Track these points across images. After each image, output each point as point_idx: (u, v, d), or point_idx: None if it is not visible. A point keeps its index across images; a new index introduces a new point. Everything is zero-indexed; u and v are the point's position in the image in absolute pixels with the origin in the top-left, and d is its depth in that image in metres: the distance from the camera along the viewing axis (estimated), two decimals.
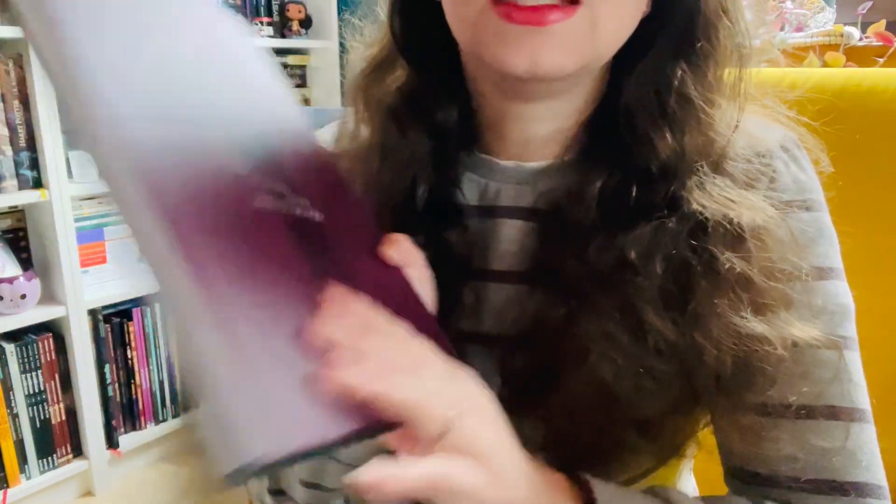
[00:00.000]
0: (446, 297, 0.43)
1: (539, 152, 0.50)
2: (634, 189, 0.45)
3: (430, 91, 0.50)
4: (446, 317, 0.44)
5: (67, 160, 1.71)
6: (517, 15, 0.39)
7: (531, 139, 0.49)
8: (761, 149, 0.47)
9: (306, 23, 2.25)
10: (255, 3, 2.16)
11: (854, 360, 0.45)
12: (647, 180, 0.45)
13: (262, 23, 2.14)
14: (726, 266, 0.42)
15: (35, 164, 1.64)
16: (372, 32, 0.54)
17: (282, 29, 2.21)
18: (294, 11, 2.21)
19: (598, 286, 0.43)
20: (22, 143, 1.61)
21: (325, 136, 0.60)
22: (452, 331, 0.42)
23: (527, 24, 0.39)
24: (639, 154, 0.45)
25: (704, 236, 0.43)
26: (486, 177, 0.51)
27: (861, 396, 0.44)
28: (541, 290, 0.46)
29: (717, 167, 0.45)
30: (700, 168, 0.44)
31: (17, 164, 1.61)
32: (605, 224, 0.44)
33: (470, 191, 0.51)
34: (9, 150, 1.60)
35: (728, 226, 0.43)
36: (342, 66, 2.17)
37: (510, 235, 0.49)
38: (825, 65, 0.99)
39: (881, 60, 0.96)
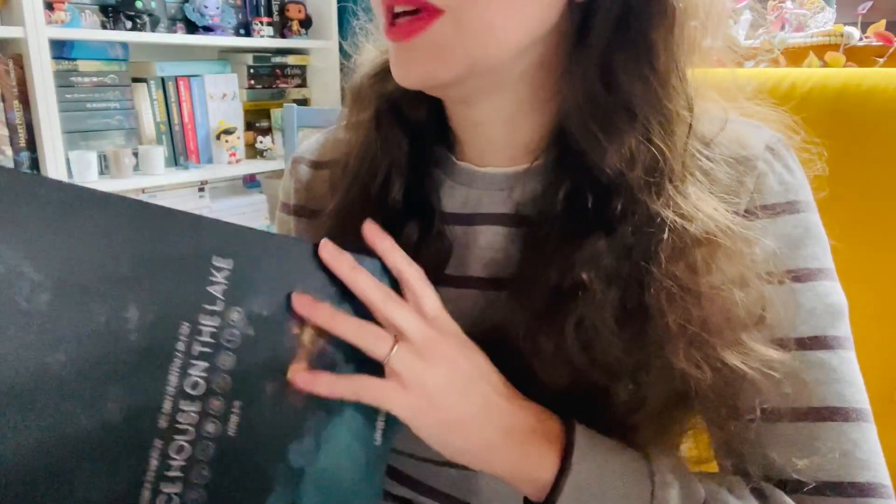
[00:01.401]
0: None
1: (513, 157, 0.50)
2: (590, 201, 0.44)
3: (408, 95, 0.51)
4: None
5: (67, 160, 1.71)
6: (392, 33, 0.43)
7: (495, 144, 0.50)
8: (746, 150, 0.46)
9: (306, 23, 2.25)
10: (255, 3, 2.17)
11: (849, 359, 0.44)
12: (600, 192, 0.44)
13: (262, 23, 2.14)
14: (674, 284, 0.41)
15: (35, 164, 1.64)
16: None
17: (282, 29, 2.21)
18: (294, 11, 2.21)
19: (554, 302, 0.43)
20: (22, 143, 1.62)
21: (312, 146, 0.61)
22: None
23: (398, 41, 0.43)
24: (591, 163, 0.44)
25: (658, 251, 0.41)
26: (466, 185, 0.52)
27: (859, 396, 0.44)
28: (506, 297, 0.46)
29: (682, 175, 0.43)
30: (657, 177, 0.42)
31: (17, 164, 1.61)
32: (566, 238, 0.44)
33: (452, 199, 0.52)
34: (9, 150, 1.60)
35: (682, 239, 0.41)
36: (342, 66, 2.17)
37: (489, 241, 0.50)
38: (825, 65, 0.99)
39: (881, 60, 0.96)
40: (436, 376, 0.40)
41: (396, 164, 0.51)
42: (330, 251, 0.40)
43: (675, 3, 0.42)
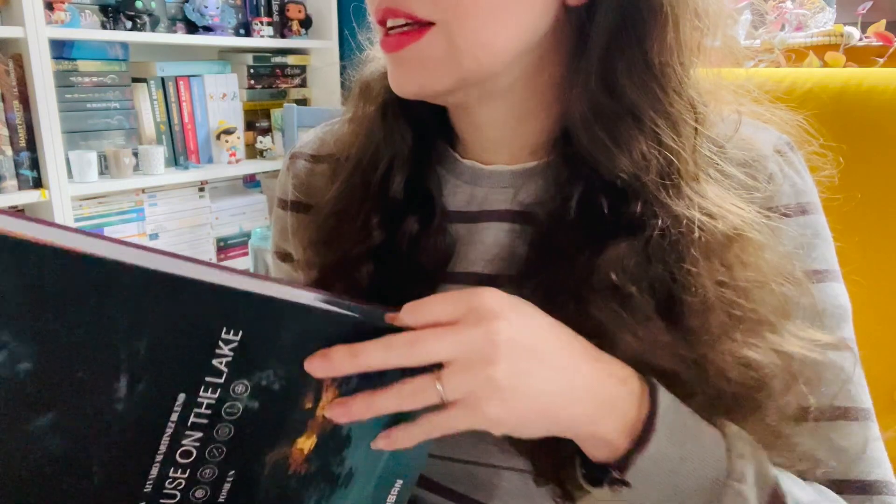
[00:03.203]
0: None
1: (518, 156, 0.50)
2: (606, 204, 0.43)
3: None
4: None
5: (67, 160, 1.71)
6: (384, 44, 0.44)
7: (499, 143, 0.50)
8: (754, 152, 0.46)
9: (306, 23, 2.25)
10: (255, 3, 2.17)
11: (855, 360, 0.45)
12: (615, 196, 0.43)
13: (262, 23, 2.14)
14: (714, 282, 0.41)
15: (35, 164, 1.64)
16: None
17: (282, 29, 2.21)
18: (294, 11, 2.21)
19: (580, 302, 0.43)
20: (22, 143, 1.62)
21: (310, 140, 0.61)
22: None
23: (390, 53, 0.44)
24: (601, 167, 0.43)
25: (692, 252, 0.41)
26: (471, 183, 0.51)
27: (864, 395, 0.44)
28: (529, 293, 0.46)
29: (696, 174, 0.43)
30: (672, 178, 0.42)
31: (17, 164, 1.61)
32: (584, 243, 0.43)
33: (456, 197, 0.52)
34: (9, 150, 1.60)
35: (714, 237, 0.41)
36: (342, 67, 2.17)
37: (494, 238, 0.50)
38: (825, 65, 0.99)
39: (881, 60, 0.96)
40: (500, 374, 0.35)
41: (399, 156, 0.51)
42: (317, 365, 0.35)
43: (670, 6, 0.41)
